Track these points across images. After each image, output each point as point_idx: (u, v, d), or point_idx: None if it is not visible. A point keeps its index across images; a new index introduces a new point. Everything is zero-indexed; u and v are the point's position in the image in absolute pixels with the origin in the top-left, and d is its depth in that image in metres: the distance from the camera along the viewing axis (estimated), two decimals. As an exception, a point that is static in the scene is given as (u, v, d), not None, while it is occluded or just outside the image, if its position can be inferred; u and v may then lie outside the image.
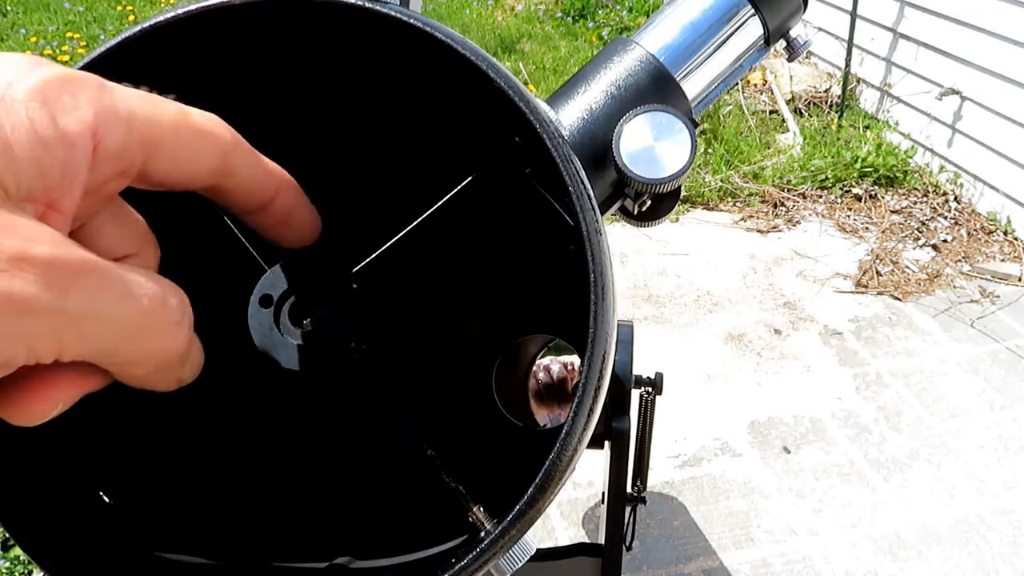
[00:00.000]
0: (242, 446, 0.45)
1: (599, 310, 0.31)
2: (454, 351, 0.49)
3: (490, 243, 0.46)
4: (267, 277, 0.34)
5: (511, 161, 0.38)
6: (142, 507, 0.38)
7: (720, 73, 0.66)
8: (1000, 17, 2.84)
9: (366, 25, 0.34)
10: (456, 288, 0.48)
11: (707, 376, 2.31)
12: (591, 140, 0.58)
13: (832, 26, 3.80)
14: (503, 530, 0.30)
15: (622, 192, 0.60)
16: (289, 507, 0.45)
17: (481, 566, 0.31)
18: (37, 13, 5.32)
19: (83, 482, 0.37)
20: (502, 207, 0.44)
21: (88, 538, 0.35)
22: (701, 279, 2.72)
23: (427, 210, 0.37)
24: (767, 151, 3.40)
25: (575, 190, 0.32)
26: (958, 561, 1.77)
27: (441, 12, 5.53)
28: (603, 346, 0.31)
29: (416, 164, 0.43)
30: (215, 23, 0.34)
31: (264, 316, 0.34)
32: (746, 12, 0.64)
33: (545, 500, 0.32)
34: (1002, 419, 2.15)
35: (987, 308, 2.57)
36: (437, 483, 0.37)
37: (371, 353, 0.36)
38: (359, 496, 0.46)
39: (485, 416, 0.48)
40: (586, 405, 0.31)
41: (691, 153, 0.55)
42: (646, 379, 0.95)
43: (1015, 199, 2.90)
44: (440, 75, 0.36)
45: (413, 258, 0.42)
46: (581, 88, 0.61)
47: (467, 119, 0.40)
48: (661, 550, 1.80)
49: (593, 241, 0.31)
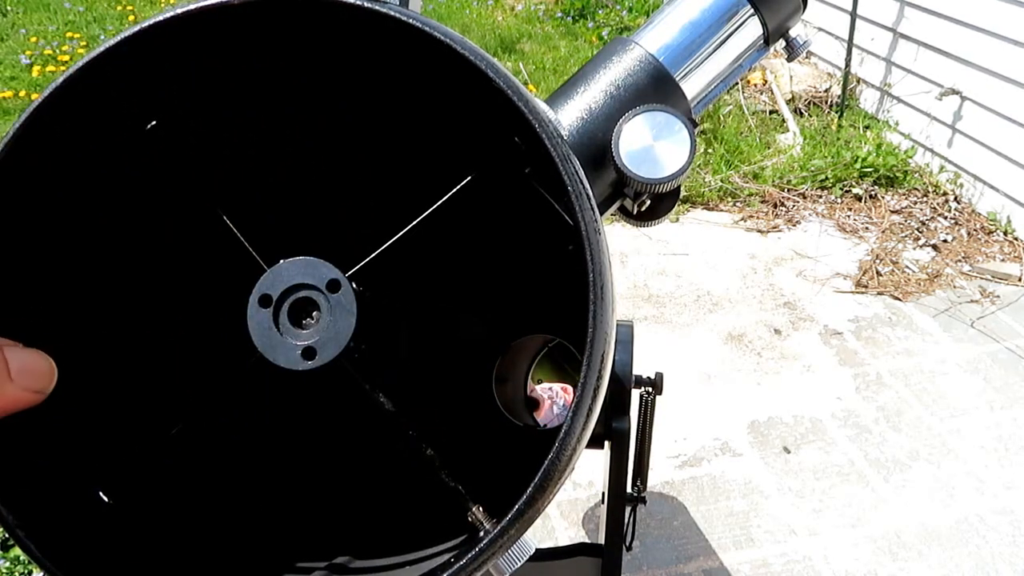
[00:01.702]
0: (242, 446, 0.45)
1: (598, 310, 0.31)
2: (454, 351, 0.49)
3: (491, 243, 0.46)
4: (266, 277, 0.34)
5: (511, 161, 0.38)
6: (142, 507, 0.38)
7: (719, 73, 0.66)
8: (1000, 17, 2.84)
9: (366, 25, 0.34)
10: (457, 288, 0.48)
11: (707, 376, 2.31)
12: (590, 140, 0.58)
13: (832, 26, 3.80)
14: (502, 530, 0.30)
15: (621, 192, 0.60)
16: (290, 506, 0.45)
17: (480, 565, 0.31)
18: (37, 13, 5.32)
19: (83, 482, 0.37)
20: (502, 207, 0.44)
21: (87, 538, 0.35)
22: (701, 279, 2.72)
23: (427, 210, 0.37)
24: (767, 151, 3.40)
25: (574, 190, 0.32)
26: (958, 561, 1.77)
27: (441, 12, 5.53)
28: (602, 346, 0.31)
29: (417, 164, 0.43)
30: (213, 23, 0.34)
31: (263, 316, 0.34)
32: (745, 12, 0.64)
33: (544, 500, 0.32)
34: (1002, 419, 2.15)
35: (987, 308, 2.57)
36: (438, 483, 0.37)
37: (371, 353, 0.36)
38: (360, 496, 0.46)
39: (485, 416, 0.48)
40: (585, 404, 0.31)
41: (690, 153, 0.55)
42: (646, 379, 0.94)
43: (1015, 199, 2.90)
44: (440, 75, 0.36)
45: (415, 258, 0.42)
46: (580, 88, 0.61)
47: (467, 119, 0.40)
48: (661, 550, 1.79)
49: (592, 241, 0.31)
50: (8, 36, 4.89)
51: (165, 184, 0.39)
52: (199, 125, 0.39)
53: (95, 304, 0.40)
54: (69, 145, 0.35)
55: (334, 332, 0.34)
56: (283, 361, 0.34)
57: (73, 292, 0.38)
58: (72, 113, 0.34)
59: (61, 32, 4.97)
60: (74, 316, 0.38)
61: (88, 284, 0.39)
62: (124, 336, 0.41)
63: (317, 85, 0.40)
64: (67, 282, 0.38)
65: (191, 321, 0.42)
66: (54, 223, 0.37)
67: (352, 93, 0.41)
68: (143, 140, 0.37)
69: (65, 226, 0.37)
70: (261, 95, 0.40)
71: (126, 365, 0.40)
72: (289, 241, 0.37)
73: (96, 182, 0.38)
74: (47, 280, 0.37)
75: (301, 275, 0.34)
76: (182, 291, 0.42)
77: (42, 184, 0.35)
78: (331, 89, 0.41)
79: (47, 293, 0.37)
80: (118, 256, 0.40)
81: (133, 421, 0.31)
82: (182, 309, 0.42)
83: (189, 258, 0.42)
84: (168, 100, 0.37)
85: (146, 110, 0.37)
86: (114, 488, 0.37)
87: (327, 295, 0.34)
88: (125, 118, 0.36)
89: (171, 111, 0.37)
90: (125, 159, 0.38)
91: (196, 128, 0.39)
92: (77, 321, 0.38)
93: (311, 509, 0.44)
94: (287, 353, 0.34)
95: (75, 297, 0.38)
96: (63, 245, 0.37)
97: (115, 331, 0.40)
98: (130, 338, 0.41)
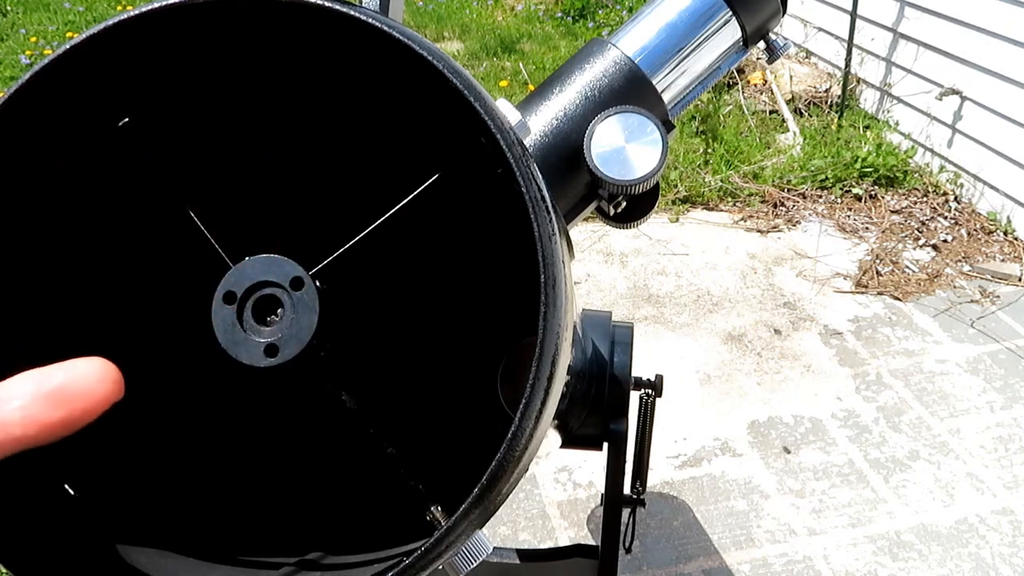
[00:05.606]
0: (214, 442, 0.45)
1: (549, 312, 0.31)
2: (441, 351, 0.49)
3: (478, 244, 0.46)
4: (231, 274, 0.35)
5: (482, 162, 0.38)
6: (108, 500, 0.39)
7: (698, 75, 0.66)
8: (1000, 17, 2.84)
9: (329, 25, 0.34)
10: (444, 289, 0.48)
11: (707, 376, 2.31)
12: (564, 141, 0.58)
13: (832, 26, 3.80)
14: (448, 529, 0.30)
15: (596, 193, 0.60)
16: (260, 503, 0.45)
17: (429, 563, 0.31)
18: (37, 13, 5.32)
19: (48, 474, 0.37)
20: (485, 209, 0.44)
21: (52, 532, 0.35)
22: (701, 279, 2.72)
23: (402, 210, 0.38)
24: (767, 151, 3.40)
25: (529, 193, 0.32)
26: (958, 561, 1.77)
27: (441, 12, 5.53)
28: (552, 348, 0.31)
29: (390, 165, 0.44)
30: (177, 22, 0.34)
31: (227, 313, 0.34)
32: (724, 15, 0.64)
33: (493, 501, 0.32)
34: (1002, 419, 2.15)
35: (987, 308, 2.57)
36: (404, 483, 0.37)
37: (341, 351, 0.36)
38: (333, 495, 0.46)
39: (494, 418, 0.48)
40: (534, 406, 0.31)
41: (662, 155, 0.55)
42: (646, 381, 0.94)
43: (1015, 199, 2.90)
44: (407, 76, 0.36)
45: (396, 258, 0.42)
46: (556, 89, 0.61)
47: (439, 120, 0.40)
48: (661, 550, 1.80)
49: (545, 245, 0.31)
50: (8, 36, 4.89)
51: (137, 182, 0.39)
52: (170, 123, 0.40)
53: (64, 299, 0.40)
54: (35, 143, 0.35)
55: (296, 330, 0.34)
56: (245, 358, 0.34)
57: (42, 286, 0.39)
58: (39, 111, 0.34)
59: (61, 32, 4.97)
60: (42, 310, 0.38)
61: (57, 278, 0.39)
62: (91, 331, 0.41)
63: (286, 84, 0.40)
64: (36, 275, 0.38)
65: (162, 319, 0.43)
66: (26, 218, 0.37)
67: (322, 92, 0.41)
68: (114, 138, 0.37)
69: (35, 221, 0.37)
70: (230, 94, 0.40)
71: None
72: (260, 240, 0.37)
73: (66, 180, 0.38)
74: (16, 274, 0.37)
75: (265, 273, 0.34)
76: (152, 289, 0.42)
77: (9, 179, 0.35)
78: (301, 88, 0.41)
79: (16, 287, 0.37)
80: (88, 253, 0.40)
81: (101, 416, 0.31)
82: (152, 307, 0.43)
83: (160, 256, 0.43)
84: (136, 99, 0.37)
85: (116, 108, 0.37)
86: (79, 481, 0.37)
87: (290, 293, 0.34)
88: (95, 116, 0.37)
89: (140, 109, 0.38)
90: (97, 157, 0.38)
91: (167, 126, 0.39)
92: (45, 314, 0.39)
93: (283, 507, 0.45)
94: (249, 350, 0.34)
95: (44, 291, 0.39)
96: (32, 240, 0.38)
97: (83, 326, 0.40)
98: (97, 333, 0.41)
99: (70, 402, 0.26)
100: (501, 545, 0.95)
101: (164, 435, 0.43)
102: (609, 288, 2.68)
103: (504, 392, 0.49)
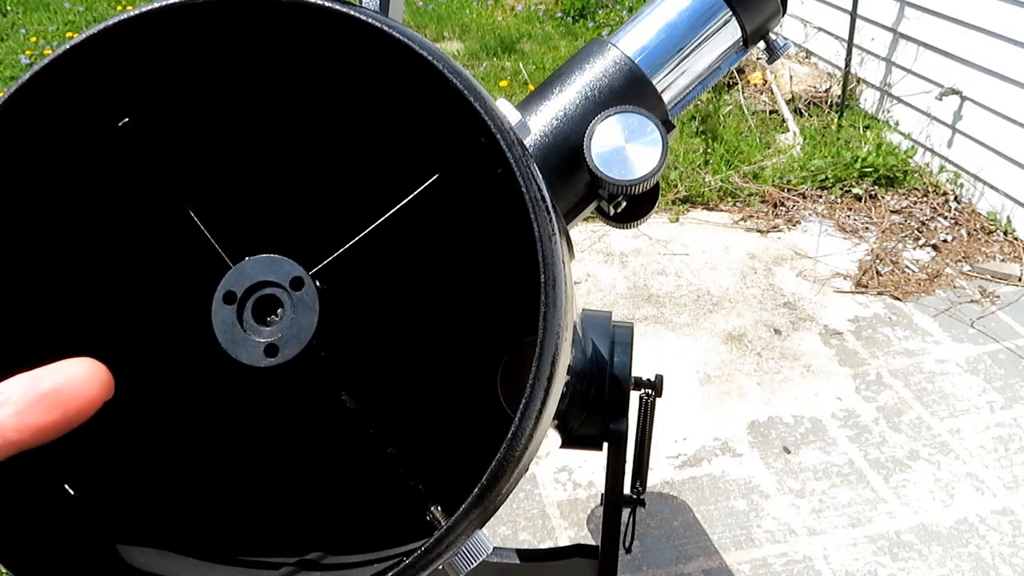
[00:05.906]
0: (214, 442, 0.45)
1: (548, 312, 0.31)
2: (442, 351, 0.49)
3: (481, 244, 0.46)
4: (231, 274, 0.34)
5: (483, 162, 0.38)
6: (108, 501, 0.39)
7: (697, 75, 0.66)
8: (1000, 17, 2.84)
9: (329, 25, 0.34)
10: (448, 289, 0.48)
11: (707, 376, 2.31)
12: (564, 141, 0.58)
13: (832, 26, 3.80)
14: (448, 529, 0.30)
15: (596, 193, 0.60)
16: (262, 503, 0.45)
17: (429, 563, 0.31)
18: (37, 13, 5.32)
19: (47, 475, 0.37)
20: (490, 210, 0.44)
21: (52, 532, 0.35)
22: (701, 279, 2.72)
23: (402, 210, 0.38)
24: (767, 151, 3.40)
25: (529, 194, 0.32)
26: (958, 561, 1.77)
27: (441, 12, 5.53)
28: (552, 348, 0.31)
29: (393, 165, 0.44)
30: (176, 22, 0.34)
31: (227, 313, 0.34)
32: (724, 15, 0.64)
33: (493, 501, 0.32)
34: (1002, 419, 2.15)
35: (987, 308, 2.57)
36: (405, 483, 0.37)
37: (342, 351, 0.36)
38: (337, 496, 0.46)
39: (494, 418, 0.48)
40: (534, 406, 0.31)
41: (662, 155, 0.55)
42: (646, 381, 0.94)
43: (1015, 199, 2.90)
44: (409, 76, 0.36)
45: (400, 258, 0.42)
46: (556, 89, 0.61)
47: (440, 121, 0.40)
48: (661, 550, 1.80)
49: (545, 245, 0.32)
50: (8, 36, 4.89)
51: (137, 182, 0.39)
52: (170, 123, 0.40)
53: (64, 298, 0.40)
54: (35, 143, 0.35)
55: (296, 330, 0.34)
56: (245, 358, 0.34)
57: (43, 285, 0.39)
58: (39, 111, 0.34)
59: (61, 32, 4.97)
60: (42, 310, 0.39)
61: (57, 278, 0.39)
62: (92, 331, 0.41)
63: (286, 84, 0.40)
64: (36, 276, 0.38)
65: (162, 319, 0.43)
66: (26, 218, 0.37)
67: (322, 92, 0.41)
68: (114, 138, 0.37)
69: (35, 221, 0.37)
70: (230, 95, 0.40)
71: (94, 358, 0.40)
72: (260, 240, 0.37)
73: (66, 180, 0.38)
74: (16, 274, 0.37)
75: (265, 272, 0.34)
76: (152, 289, 0.42)
77: (9, 179, 0.35)
78: (301, 88, 0.41)
79: (16, 287, 0.37)
80: (88, 253, 0.40)
81: (98, 414, 0.31)
82: (152, 307, 0.43)
83: (160, 256, 0.43)
84: (136, 99, 0.37)
85: (116, 108, 0.37)
86: (79, 481, 0.37)
87: (290, 292, 0.34)
88: (94, 116, 0.37)
89: (140, 109, 0.38)
90: (96, 157, 0.38)
91: (167, 126, 0.39)
92: (45, 315, 0.39)
93: (283, 507, 0.45)
94: (249, 350, 0.34)
95: (44, 291, 0.39)
96: (32, 240, 0.38)
97: (83, 327, 0.40)
98: (98, 333, 0.41)
99: (61, 405, 0.26)
100: (501, 545, 0.95)
101: (164, 435, 0.43)
102: (609, 288, 2.68)
103: (504, 392, 0.49)
